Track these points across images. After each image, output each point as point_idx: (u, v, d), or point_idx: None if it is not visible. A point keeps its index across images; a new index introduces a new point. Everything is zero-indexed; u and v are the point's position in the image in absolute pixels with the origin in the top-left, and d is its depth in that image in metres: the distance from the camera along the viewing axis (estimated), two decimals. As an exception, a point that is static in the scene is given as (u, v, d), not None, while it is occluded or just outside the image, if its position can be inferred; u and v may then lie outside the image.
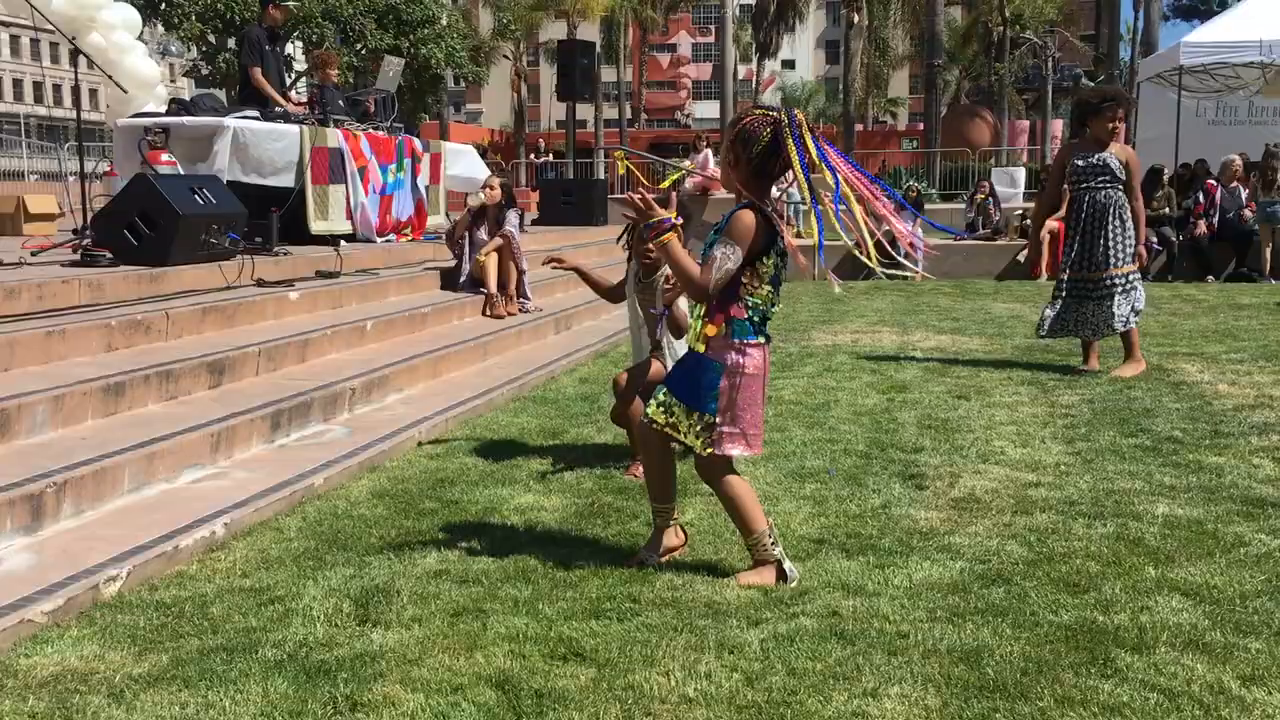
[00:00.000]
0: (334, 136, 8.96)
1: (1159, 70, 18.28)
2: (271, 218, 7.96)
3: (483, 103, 75.81)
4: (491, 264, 8.52)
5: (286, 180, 8.54)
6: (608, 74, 43.86)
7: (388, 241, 9.53)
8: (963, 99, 52.29)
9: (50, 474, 3.91)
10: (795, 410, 6.21)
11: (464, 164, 11.47)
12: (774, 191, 3.53)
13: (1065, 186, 7.43)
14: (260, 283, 7.04)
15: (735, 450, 3.53)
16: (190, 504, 4.16)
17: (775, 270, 3.49)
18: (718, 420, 3.49)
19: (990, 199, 16.79)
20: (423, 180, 10.31)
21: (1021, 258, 14.84)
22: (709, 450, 3.51)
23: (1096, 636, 3.07)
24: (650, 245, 3.49)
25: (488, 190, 8.85)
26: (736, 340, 3.46)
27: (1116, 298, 7.20)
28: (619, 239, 5.30)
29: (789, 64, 73.28)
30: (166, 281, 6.46)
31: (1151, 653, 2.96)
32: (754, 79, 61.13)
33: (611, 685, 2.82)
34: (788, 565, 3.54)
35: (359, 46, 28.73)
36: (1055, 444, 5.35)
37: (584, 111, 37.39)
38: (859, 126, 43.74)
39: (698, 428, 3.52)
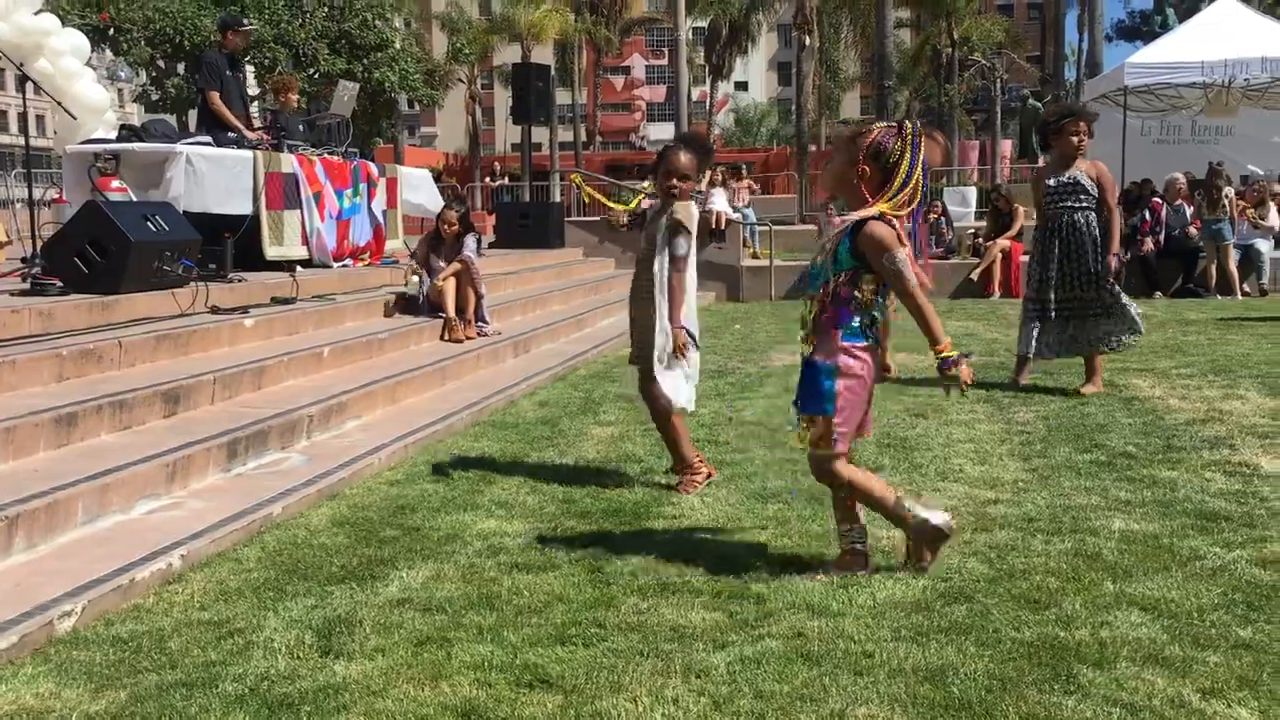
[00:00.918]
0: (288, 162, 8.90)
1: (1104, 91, 18.63)
2: (226, 244, 7.88)
3: (437, 126, 75.67)
4: (449, 288, 8.49)
5: (241, 206, 8.46)
6: (562, 96, 43.94)
7: (344, 266, 9.47)
8: (914, 120, 52.90)
9: (1, 507, 3.83)
10: (756, 430, 6.23)
11: (419, 190, 11.42)
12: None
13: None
14: (215, 310, 6.97)
15: (841, 447, 3.67)
16: (146, 536, 4.10)
17: (884, 283, 3.64)
18: (837, 421, 3.62)
19: (943, 219, 16.99)
20: (379, 204, 10.26)
21: (975, 276, 15.02)
22: (824, 451, 3.65)
23: (1058, 652, 3.10)
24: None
25: (445, 227, 8.82)
26: (846, 343, 3.59)
27: (1113, 315, 7.23)
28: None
29: (742, 85, 73.89)
30: (119, 310, 6.38)
31: (1113, 668, 2.99)
32: (708, 100, 61.53)
33: (579, 712, 2.80)
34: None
35: (312, 71, 28.61)
36: (1013, 461, 5.41)
37: (539, 134, 37.42)
38: (812, 147, 44.06)
39: (808, 425, 3.66)
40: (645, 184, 18.19)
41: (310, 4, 29.06)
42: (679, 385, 5.00)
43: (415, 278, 8.64)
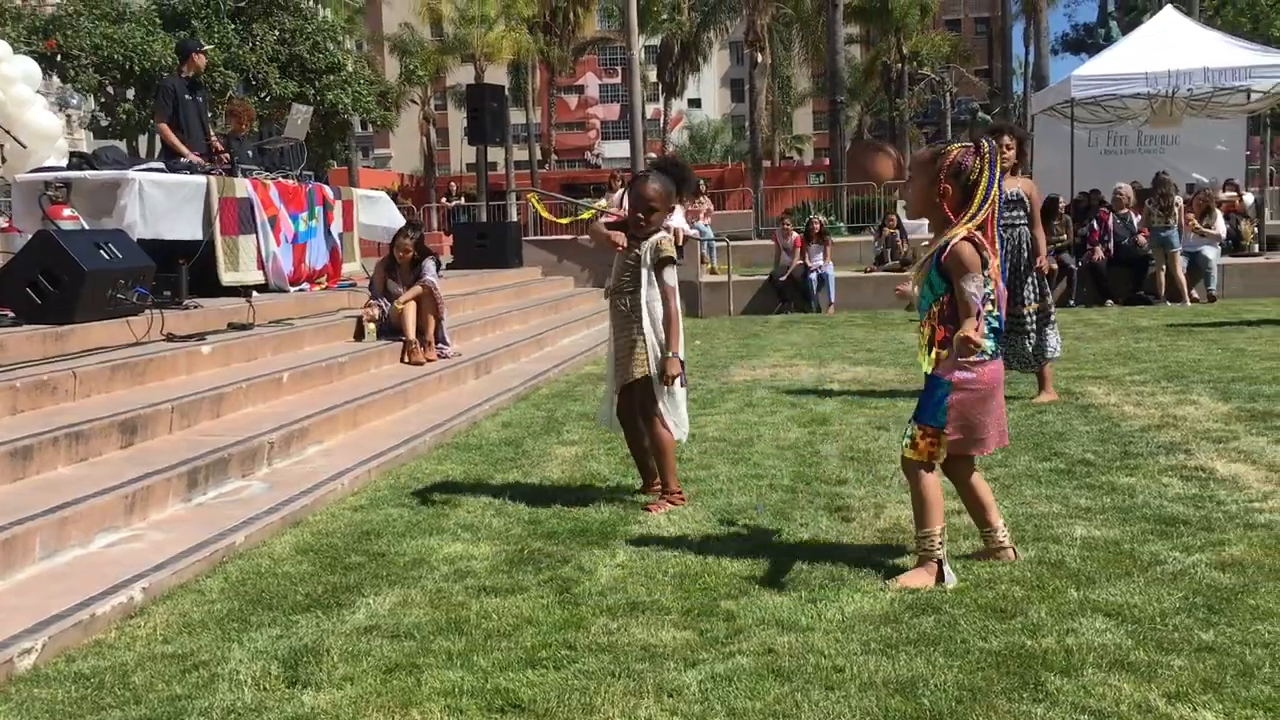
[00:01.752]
0: (242, 186, 8.83)
1: (1052, 103, 18.91)
2: (180, 270, 7.81)
3: (392, 147, 75.39)
4: (410, 311, 8.46)
5: (195, 232, 8.39)
6: (516, 116, 43.95)
7: (302, 290, 9.40)
8: (866, 134, 53.51)
9: (-44, 545, 3.76)
10: (719, 447, 6.26)
11: (377, 212, 11.38)
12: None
13: None
14: (171, 337, 6.89)
15: (961, 451, 3.77)
16: (106, 569, 4.03)
17: (988, 288, 3.71)
18: (947, 431, 3.74)
19: (897, 232, 17.17)
20: (336, 227, 10.20)
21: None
22: (921, 453, 3.76)
23: (1026, 661, 3.13)
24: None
25: (400, 254, 8.78)
26: (961, 359, 3.66)
27: (1046, 330, 7.32)
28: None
29: (695, 103, 74.27)
30: (73, 339, 6.29)
31: (1079, 674, 3.03)
32: (661, 118, 61.79)
33: (552, 736, 2.79)
34: (947, 569, 3.75)
35: (264, 95, 28.42)
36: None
37: (494, 154, 37.38)
38: (766, 163, 44.41)
39: (921, 435, 3.79)
40: (600, 202, 18.25)
41: (260, 28, 28.88)
42: (683, 417, 5.09)
43: (372, 325, 8.60)
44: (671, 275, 4.98)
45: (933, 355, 3.80)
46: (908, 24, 41.04)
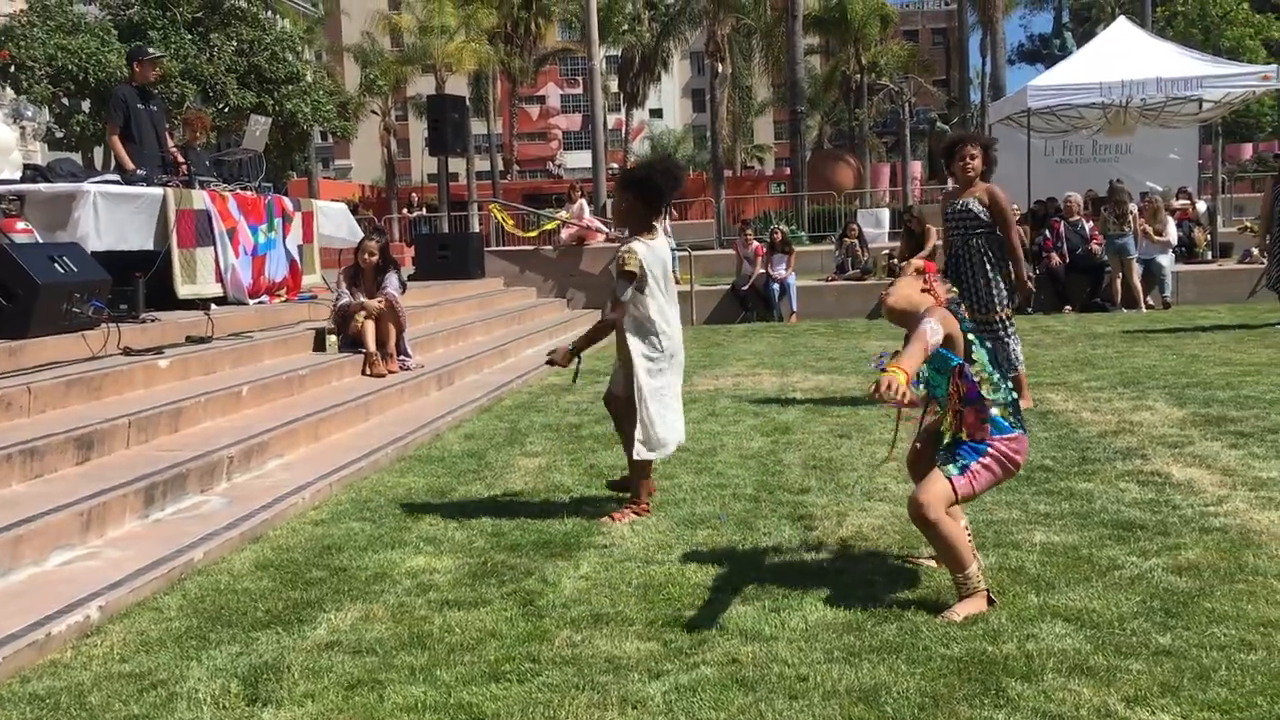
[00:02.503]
0: (200, 198, 8.74)
1: (1008, 113, 19.13)
2: (137, 284, 7.71)
3: (352, 158, 75.01)
4: (370, 322, 8.40)
5: (149, 243, 8.29)
6: (478, 126, 43.86)
7: (261, 303, 9.31)
8: (826, 144, 53.85)
9: (-94, 565, 3.69)
10: (682, 456, 6.25)
11: (336, 223, 11.31)
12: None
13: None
14: (127, 351, 6.80)
15: (961, 490, 3.66)
16: (61, 588, 3.97)
17: (988, 353, 3.72)
18: (960, 482, 3.64)
19: (858, 241, 17.29)
20: (295, 239, 10.13)
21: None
22: (932, 501, 3.62)
23: (987, 667, 3.15)
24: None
25: (365, 256, 8.74)
26: (998, 436, 3.67)
27: (1006, 340, 7.30)
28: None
29: (657, 113, 74.49)
30: (27, 354, 6.19)
31: (1040, 679, 3.05)
32: (623, 128, 61.88)
33: (516, 750, 2.77)
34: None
35: (221, 105, 28.17)
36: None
37: (456, 164, 37.27)
38: (728, 172, 44.59)
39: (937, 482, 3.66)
40: (562, 213, 18.24)
41: (218, 38, 28.63)
42: (658, 434, 5.05)
43: (333, 337, 8.54)
44: (623, 289, 4.91)
45: (976, 435, 3.69)
46: (867, 35, 41.38)
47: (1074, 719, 2.82)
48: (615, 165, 54.22)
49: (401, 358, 8.69)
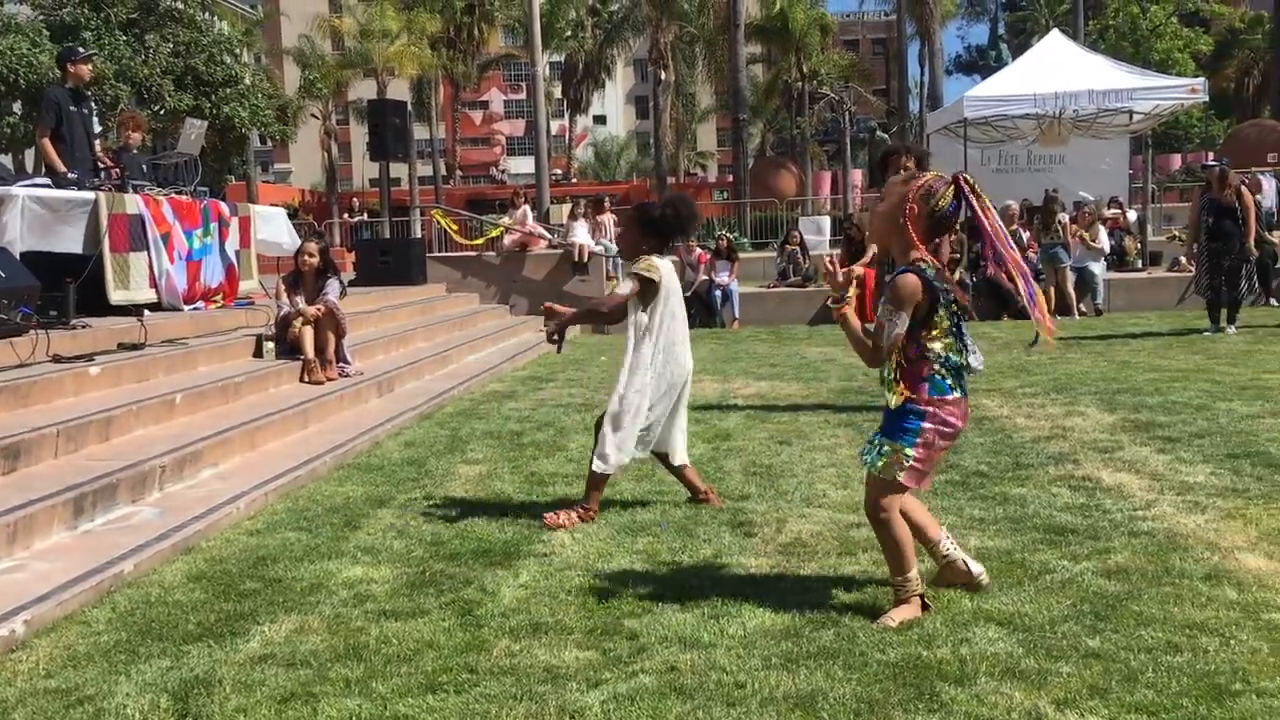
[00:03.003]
0: (133, 202, 8.59)
1: (946, 123, 19.43)
2: (67, 289, 7.55)
3: (292, 162, 74.11)
4: (308, 329, 8.31)
5: (80, 248, 8.12)
6: (420, 131, 43.55)
7: (196, 309, 9.17)
8: (768, 151, 54.25)
9: None
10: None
11: (274, 229, 11.16)
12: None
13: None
14: (57, 358, 6.66)
15: (912, 484, 3.62)
16: (-15, 602, 3.88)
17: (953, 321, 3.61)
18: (912, 454, 3.57)
19: (799, 248, 17.44)
20: (232, 245, 9.98)
21: (830, 303, 15.40)
22: (890, 473, 3.58)
23: (921, 671, 3.19)
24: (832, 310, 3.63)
25: (305, 258, 8.65)
26: (934, 397, 3.57)
27: None
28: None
29: (600, 119, 74.51)
30: (-49, 362, 6.04)
31: (972, 683, 3.09)
32: (567, 135, 61.82)
33: (452, 761, 2.75)
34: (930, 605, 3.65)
35: (157, 108, 27.70)
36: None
37: (398, 169, 36.97)
38: (671, 179, 44.76)
39: (887, 453, 3.60)
40: (505, 219, 18.17)
41: (154, 40, 28.15)
42: (624, 442, 4.99)
43: (271, 344, 8.44)
44: (627, 285, 4.92)
45: (906, 392, 3.60)
46: (808, 44, 41.76)
47: (1005, 722, 2.86)
48: (558, 171, 54.15)
49: (341, 364, 8.60)
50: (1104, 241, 15.89)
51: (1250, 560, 4.09)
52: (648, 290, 4.94)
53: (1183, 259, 15.61)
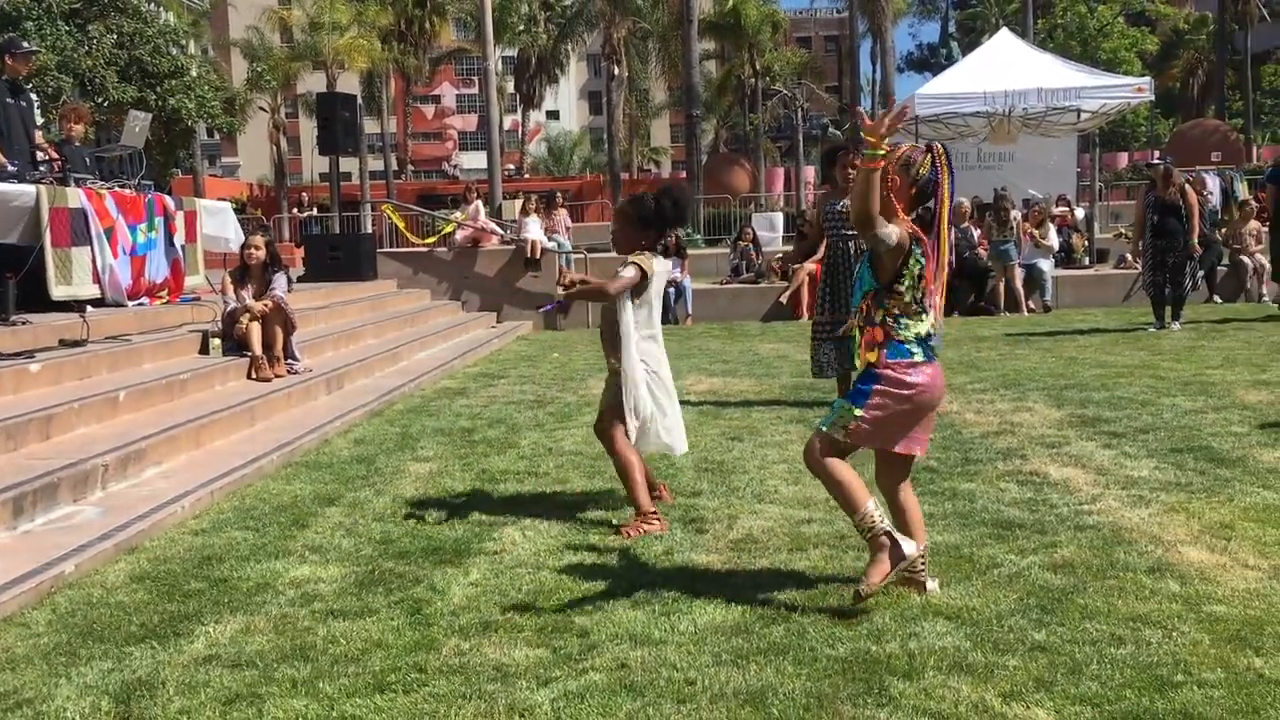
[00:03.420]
0: (75, 196, 8.42)
1: (898, 120, 19.56)
2: (7, 284, 7.39)
3: (240, 156, 73.19)
4: (255, 325, 8.20)
5: (15, 239, 7.94)
6: (371, 126, 43.16)
7: (141, 305, 9.01)
8: (722, 148, 54.38)
9: None
10: (576, 461, 6.24)
11: (219, 223, 11.00)
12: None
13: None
14: (-4, 355, 6.52)
15: (854, 442, 3.62)
16: (-81, 605, 3.78)
17: (915, 292, 3.62)
18: (859, 414, 3.59)
19: (752, 245, 17.49)
20: (178, 239, 9.82)
21: (784, 299, 15.49)
22: (834, 430, 3.61)
23: (871, 666, 3.20)
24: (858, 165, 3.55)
25: (251, 250, 8.54)
26: (891, 360, 3.59)
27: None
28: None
29: (553, 114, 74.28)
30: (-115, 358, 5.90)
31: (921, 677, 3.11)
32: (520, 129, 61.59)
33: (399, 762, 2.73)
34: (901, 538, 3.61)
35: (100, 100, 27.20)
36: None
37: (349, 164, 36.64)
38: (624, 175, 44.73)
39: (838, 410, 3.65)
40: (457, 214, 18.05)
41: (97, 30, 27.63)
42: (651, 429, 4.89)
43: (217, 340, 8.32)
44: (630, 269, 4.77)
45: (869, 356, 3.65)
46: (760, 40, 41.93)
47: (953, 715, 2.88)
48: (511, 166, 53.94)
49: (289, 361, 8.50)
50: (1053, 239, 16.10)
51: (1192, 553, 4.16)
52: (641, 283, 4.85)
53: (1129, 256, 15.84)
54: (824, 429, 3.71)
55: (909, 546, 3.61)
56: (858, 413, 3.64)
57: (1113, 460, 5.79)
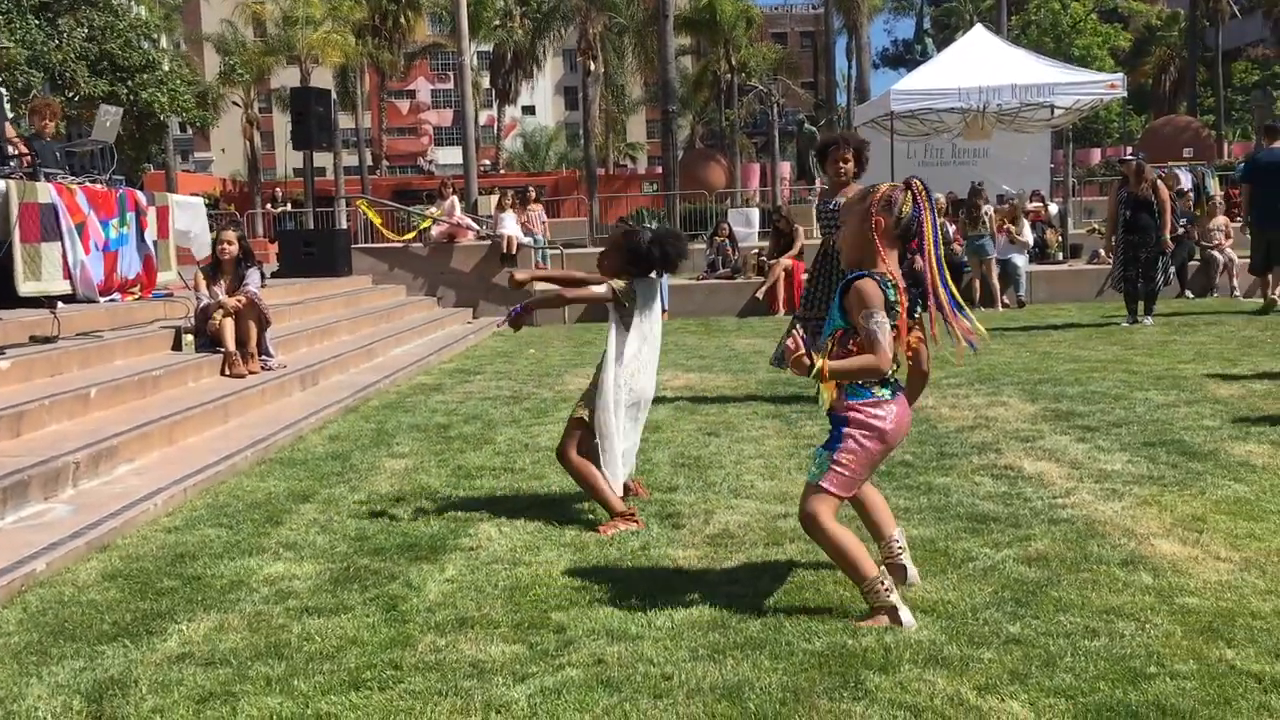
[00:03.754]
0: (45, 191, 8.32)
1: (873, 116, 19.64)
2: (-25, 280, 7.31)
3: (213, 151, 72.67)
4: (229, 320, 8.14)
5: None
6: (346, 121, 42.93)
7: (113, 301, 8.93)
8: (698, 143, 54.41)
9: None
10: (552, 457, 6.19)
11: (190, 218, 10.91)
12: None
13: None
14: (-36, 352, 6.45)
15: (838, 491, 3.50)
16: (-113, 605, 3.74)
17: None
18: (838, 459, 3.49)
19: (729, 240, 17.51)
20: (150, 235, 9.73)
21: (760, 294, 15.52)
22: (817, 480, 3.50)
23: (847, 660, 3.21)
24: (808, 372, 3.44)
25: (225, 245, 8.48)
26: (852, 401, 3.50)
27: None
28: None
29: (529, 110, 74.13)
30: None
31: (896, 671, 3.12)
32: (495, 125, 61.40)
33: (375, 760, 2.71)
34: (904, 612, 3.45)
35: (71, 94, 26.93)
36: (801, 475, 5.58)
37: (323, 159, 36.43)
38: (601, 170, 44.66)
39: (820, 461, 3.54)
40: (433, 209, 17.99)
41: (67, 23, 27.35)
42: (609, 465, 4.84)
43: (190, 336, 8.26)
44: (599, 287, 4.77)
45: (827, 394, 3.55)
46: (736, 36, 41.95)
47: (928, 708, 2.89)
48: (487, 162, 53.76)
49: (263, 358, 8.45)
50: (1028, 234, 16.19)
51: (1165, 546, 4.19)
52: (621, 309, 4.79)
53: (1102, 252, 15.96)
54: (812, 480, 3.56)
55: (907, 616, 3.47)
56: (835, 458, 3.50)
57: (1086, 454, 5.83)
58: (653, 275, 4.92)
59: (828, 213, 7.53)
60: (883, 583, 3.47)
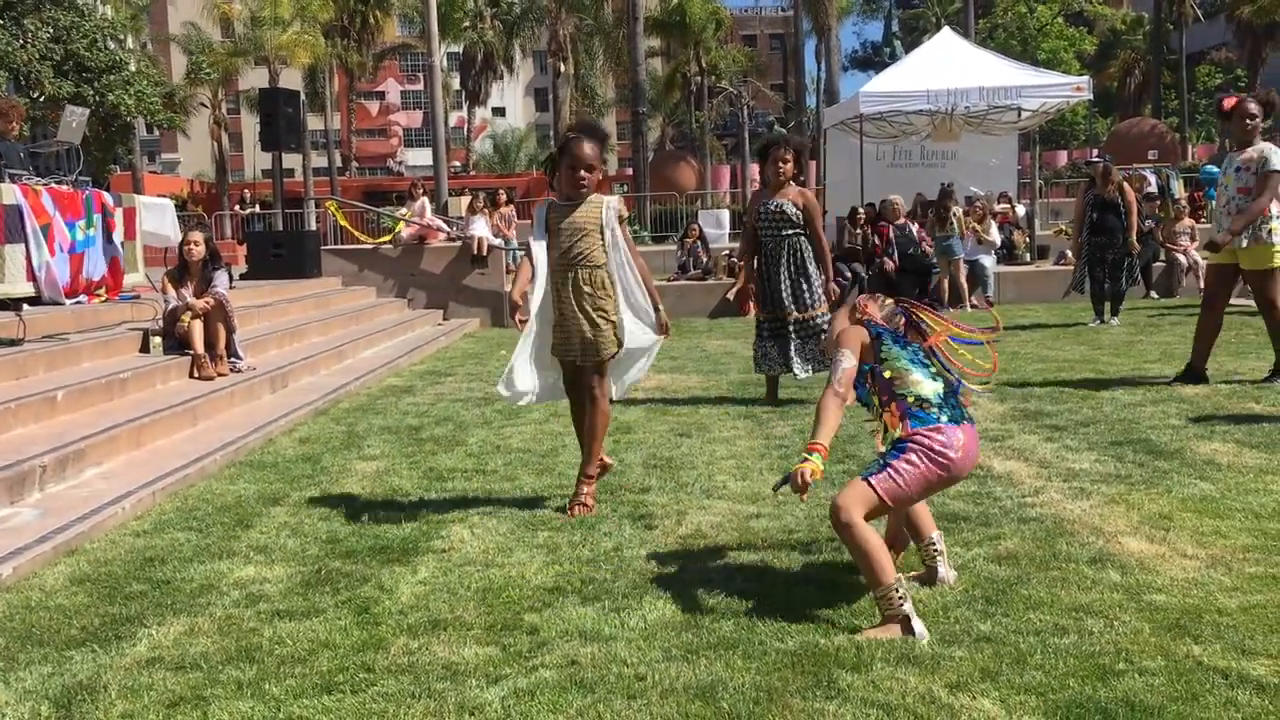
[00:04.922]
0: (10, 192, 8.23)
1: (842, 118, 19.73)
2: (-62, 282, 7.22)
3: (180, 152, 72.03)
4: (197, 323, 8.08)
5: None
6: (315, 122, 42.65)
7: (79, 303, 8.84)
8: (668, 145, 54.48)
9: None
10: (524, 458, 6.23)
11: (159, 219, 10.82)
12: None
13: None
14: (-73, 355, 6.36)
15: (881, 488, 3.49)
16: None
17: (911, 353, 3.72)
18: (894, 463, 3.51)
19: (699, 242, 17.54)
20: (117, 236, 9.64)
21: (730, 295, 15.55)
22: (865, 477, 3.52)
23: (819, 659, 3.22)
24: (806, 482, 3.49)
25: (190, 246, 8.42)
26: (914, 428, 3.54)
27: (794, 341, 7.64)
28: None
29: (499, 111, 73.94)
30: None
31: (869, 670, 3.14)
32: (465, 126, 61.21)
33: (348, 763, 2.70)
34: (917, 623, 3.37)
35: (36, 95, 26.64)
36: (772, 475, 5.60)
37: (292, 160, 36.19)
38: (571, 172, 44.53)
39: (874, 462, 3.59)
40: (403, 210, 17.91)
41: (32, 23, 27.04)
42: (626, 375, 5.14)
43: (158, 339, 8.19)
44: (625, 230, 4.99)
45: (896, 431, 3.58)
46: (706, 38, 42.06)
47: (900, 706, 2.91)
48: (457, 164, 53.58)
49: (232, 360, 8.39)
50: (995, 235, 16.31)
51: (1133, 544, 4.23)
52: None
53: (1069, 253, 16.10)
54: (862, 477, 3.54)
55: (919, 627, 3.39)
56: (892, 462, 3.51)
57: (1055, 453, 5.88)
58: (552, 199, 5.11)
59: (768, 214, 7.62)
60: (898, 590, 3.40)
